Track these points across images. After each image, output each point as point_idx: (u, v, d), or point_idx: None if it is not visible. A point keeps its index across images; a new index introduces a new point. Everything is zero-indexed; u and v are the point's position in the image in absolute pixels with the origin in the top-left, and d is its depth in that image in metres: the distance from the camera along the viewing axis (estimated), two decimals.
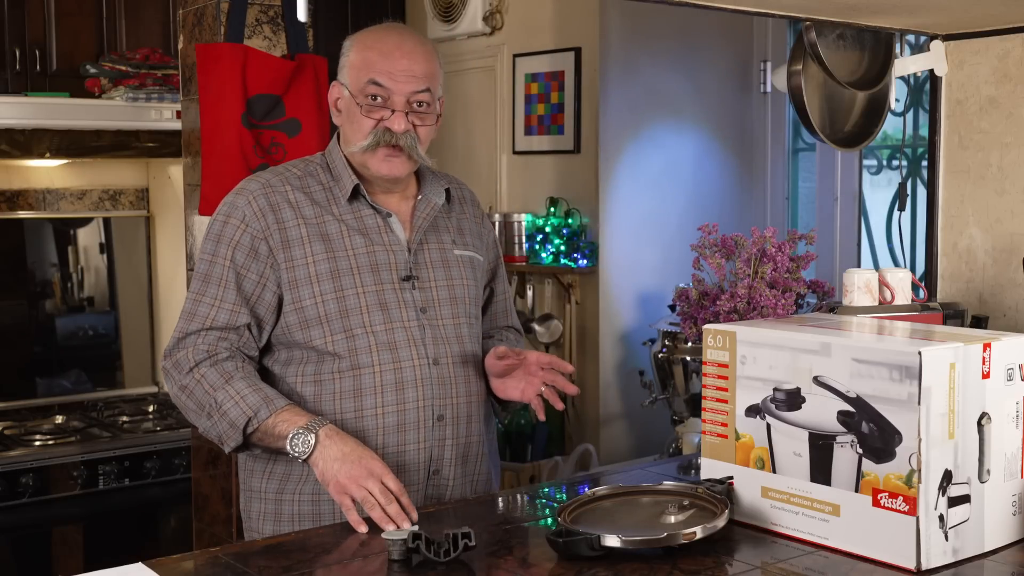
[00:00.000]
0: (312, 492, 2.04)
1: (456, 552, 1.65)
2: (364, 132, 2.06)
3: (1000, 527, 1.74)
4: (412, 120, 2.06)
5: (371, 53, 2.07)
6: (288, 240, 2.05)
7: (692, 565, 1.66)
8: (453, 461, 2.11)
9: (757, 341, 1.81)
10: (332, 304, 2.04)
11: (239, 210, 2.08)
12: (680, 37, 4.09)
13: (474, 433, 2.15)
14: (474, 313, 2.20)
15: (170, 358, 2.06)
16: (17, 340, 4.19)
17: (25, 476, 3.54)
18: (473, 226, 2.27)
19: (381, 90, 2.04)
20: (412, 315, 2.09)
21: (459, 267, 2.18)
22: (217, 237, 2.08)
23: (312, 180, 2.12)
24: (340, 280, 2.05)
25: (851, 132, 2.79)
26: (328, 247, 2.06)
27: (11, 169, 4.07)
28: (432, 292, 2.12)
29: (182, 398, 2.04)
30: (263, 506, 2.10)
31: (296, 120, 3.16)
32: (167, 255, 4.38)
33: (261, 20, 3.13)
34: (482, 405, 2.18)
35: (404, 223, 2.14)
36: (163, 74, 3.89)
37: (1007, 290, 2.62)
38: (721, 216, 3.94)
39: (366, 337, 2.04)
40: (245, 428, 1.96)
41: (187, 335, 2.05)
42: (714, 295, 2.38)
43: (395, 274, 2.09)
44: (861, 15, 2.49)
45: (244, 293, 2.05)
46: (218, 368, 2.01)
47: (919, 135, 3.74)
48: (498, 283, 2.34)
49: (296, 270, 2.05)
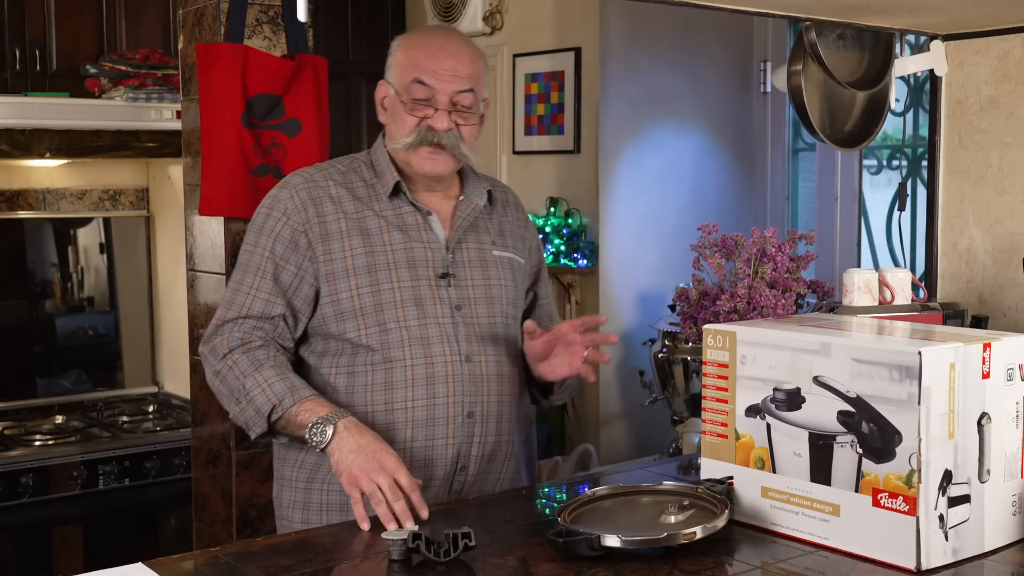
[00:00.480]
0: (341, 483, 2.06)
1: (456, 552, 1.65)
2: (407, 130, 2.09)
3: (1000, 527, 1.74)
4: (455, 119, 2.09)
5: (417, 52, 2.10)
6: (328, 233, 2.09)
7: (692, 565, 1.66)
8: (480, 459, 2.13)
9: (757, 341, 1.81)
10: (368, 298, 2.08)
11: (281, 203, 2.12)
12: (680, 37, 4.09)
13: (504, 432, 2.16)
14: (511, 314, 2.20)
15: (207, 344, 2.12)
16: (17, 340, 4.19)
17: (25, 476, 3.54)
18: (516, 229, 2.28)
19: (425, 89, 2.08)
20: (447, 312, 2.11)
21: (497, 268, 2.20)
22: (259, 228, 2.13)
23: (355, 176, 2.16)
24: (377, 274, 2.08)
25: (851, 132, 2.79)
26: (367, 242, 2.10)
27: (11, 169, 4.07)
28: (468, 290, 2.15)
29: (215, 383, 2.10)
30: (293, 494, 2.15)
31: (296, 120, 3.16)
32: (167, 255, 4.38)
33: (261, 20, 3.13)
34: (515, 406, 2.19)
35: (444, 222, 2.17)
36: (163, 74, 3.89)
37: (1007, 290, 2.62)
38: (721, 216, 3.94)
39: (399, 331, 2.07)
40: (269, 415, 2.00)
41: (224, 323, 2.11)
42: (714, 295, 2.38)
43: (432, 271, 2.12)
44: (861, 15, 2.49)
45: (281, 284, 2.10)
46: (250, 356, 2.06)
47: (919, 135, 3.74)
48: (541, 287, 2.36)
49: (334, 263, 2.09)
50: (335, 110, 3.85)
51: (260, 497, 3.16)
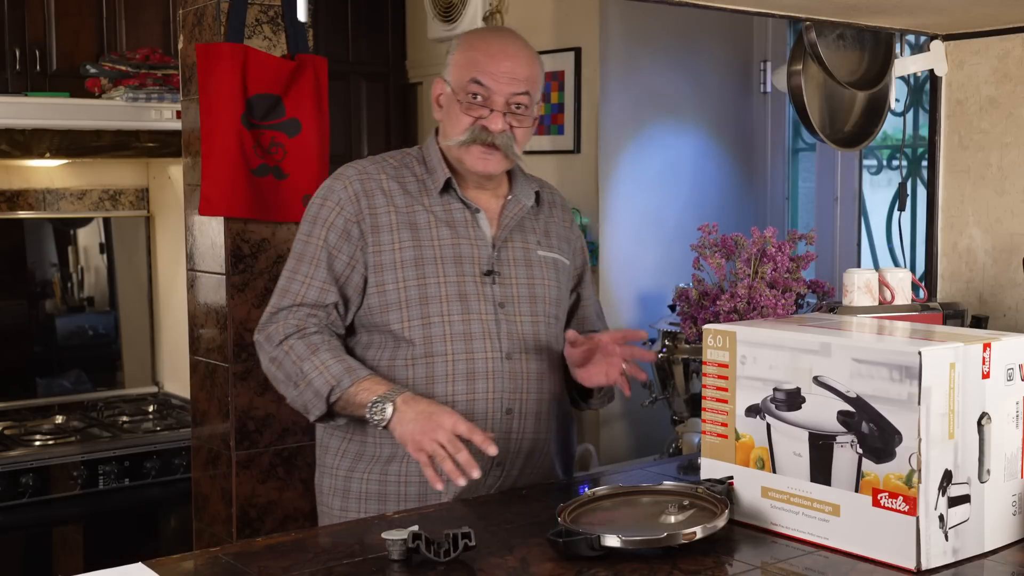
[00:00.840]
0: (380, 473, 2.13)
1: (456, 552, 1.65)
2: (461, 128, 2.12)
3: (1000, 527, 1.74)
4: (510, 121, 2.12)
5: (476, 53, 2.13)
6: (378, 225, 2.13)
7: (692, 565, 1.66)
8: (518, 455, 2.16)
9: (757, 341, 1.81)
10: (413, 290, 2.11)
11: (335, 193, 2.16)
12: (680, 37, 4.09)
13: (543, 430, 2.19)
14: (553, 313, 2.23)
15: (262, 332, 2.15)
16: (17, 340, 4.19)
17: (25, 476, 3.54)
18: (561, 230, 2.31)
19: (482, 89, 2.10)
20: (490, 309, 2.14)
21: (541, 267, 2.22)
22: (313, 218, 2.16)
23: (407, 171, 2.20)
24: (423, 268, 2.12)
25: (851, 132, 2.80)
26: (415, 236, 2.13)
27: (11, 169, 4.06)
28: (512, 288, 2.17)
29: (272, 369, 2.13)
30: (333, 482, 2.19)
31: (296, 120, 3.16)
32: (167, 255, 4.38)
33: (261, 20, 3.13)
34: (554, 404, 2.22)
35: (491, 220, 2.20)
36: (163, 74, 3.89)
37: (1007, 290, 2.62)
38: (721, 216, 3.94)
39: (442, 326, 2.11)
40: (328, 396, 2.04)
41: (279, 310, 2.14)
42: (714, 295, 2.38)
43: (477, 267, 2.15)
44: (861, 15, 2.49)
45: (334, 273, 2.13)
46: (306, 341, 2.09)
47: (919, 135, 3.74)
48: (585, 288, 2.38)
49: (382, 255, 2.12)
50: (335, 110, 3.85)
51: (260, 497, 3.16)
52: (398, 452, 2.10)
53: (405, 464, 2.11)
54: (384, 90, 4.57)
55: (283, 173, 3.16)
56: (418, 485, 2.11)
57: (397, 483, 2.12)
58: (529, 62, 2.14)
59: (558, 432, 2.25)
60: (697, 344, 2.19)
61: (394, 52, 4.59)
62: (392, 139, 4.54)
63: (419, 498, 2.11)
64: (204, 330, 3.24)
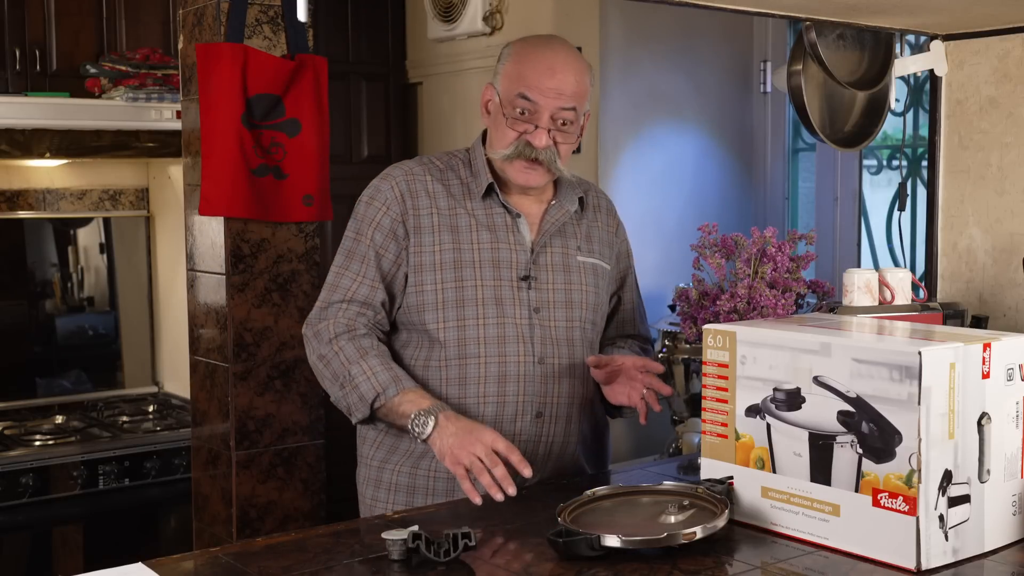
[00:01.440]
0: (412, 467, 2.17)
1: (456, 552, 1.65)
2: (507, 141, 2.14)
3: (1000, 527, 1.74)
4: (554, 136, 2.13)
5: (525, 67, 2.14)
6: (421, 226, 2.16)
7: (692, 565, 1.66)
8: (546, 458, 2.19)
9: (757, 341, 1.81)
10: (451, 292, 2.14)
11: (382, 193, 2.19)
12: (680, 37, 4.08)
13: (572, 434, 2.22)
14: (590, 319, 2.25)
15: (312, 327, 2.18)
16: (17, 340, 4.19)
17: (25, 476, 3.54)
18: (604, 235, 2.32)
19: (529, 104, 2.12)
20: (525, 313, 2.17)
21: (580, 273, 2.24)
22: (361, 217, 2.20)
23: (452, 174, 2.22)
24: (462, 271, 2.15)
25: (851, 132, 2.79)
26: (455, 238, 2.16)
27: (11, 169, 4.06)
28: (548, 294, 2.19)
29: (319, 366, 2.17)
30: (367, 472, 2.24)
31: (296, 120, 3.16)
32: (167, 255, 4.38)
33: (261, 20, 3.13)
34: (585, 408, 2.24)
35: (532, 225, 2.22)
36: (163, 74, 3.89)
37: (1007, 290, 2.62)
38: (721, 216, 3.94)
39: (477, 328, 2.14)
40: (373, 403, 2.08)
41: (330, 305, 2.17)
42: (714, 295, 2.38)
43: (515, 272, 2.17)
44: (861, 15, 2.49)
45: (382, 271, 2.17)
46: (356, 343, 2.12)
47: (919, 135, 3.74)
48: (626, 292, 2.40)
49: (423, 255, 2.15)
50: (335, 110, 3.85)
51: (260, 497, 3.16)
52: (431, 448, 2.11)
53: (435, 460, 2.13)
54: (384, 90, 4.57)
55: (283, 173, 3.16)
56: (446, 481, 2.15)
57: (426, 477, 2.16)
58: (578, 77, 2.14)
59: (588, 437, 2.27)
60: (697, 344, 2.19)
61: (394, 52, 4.59)
62: (392, 139, 4.54)
63: (447, 493, 2.15)
64: (204, 330, 3.24)
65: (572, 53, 2.19)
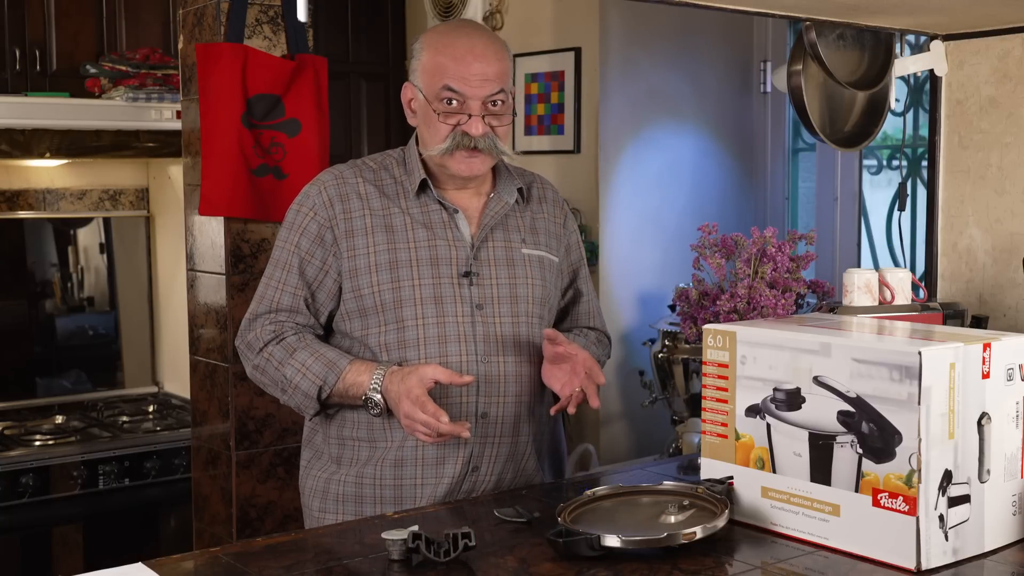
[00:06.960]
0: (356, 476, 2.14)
1: (456, 552, 1.65)
2: (441, 136, 2.08)
3: (1000, 527, 1.74)
4: (489, 122, 2.08)
5: (443, 57, 2.07)
6: (353, 230, 2.11)
7: (692, 565, 1.66)
8: (494, 459, 2.13)
9: (757, 341, 1.81)
10: (388, 294, 2.09)
11: (310, 199, 2.15)
12: (680, 37, 4.09)
13: (521, 434, 2.16)
14: (537, 313, 2.18)
15: (242, 339, 2.17)
16: (17, 340, 4.19)
17: (25, 476, 3.54)
18: (551, 226, 2.26)
19: (456, 95, 2.06)
20: (466, 311, 2.11)
21: (525, 266, 2.18)
22: (289, 224, 2.16)
23: (385, 173, 2.17)
24: (398, 271, 2.10)
25: (851, 132, 2.79)
26: (390, 238, 2.11)
27: (11, 169, 4.07)
28: (491, 289, 2.13)
29: (256, 376, 2.15)
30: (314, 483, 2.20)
31: (296, 120, 3.16)
32: (167, 255, 4.38)
33: (261, 20, 3.13)
34: (534, 407, 2.17)
35: (472, 219, 2.16)
36: (163, 74, 3.89)
37: (1007, 290, 2.62)
38: (721, 216, 3.95)
39: (416, 329, 2.09)
40: (319, 396, 2.07)
41: (256, 317, 2.15)
42: (714, 295, 2.38)
43: (454, 269, 2.11)
44: (861, 15, 2.49)
45: (306, 278, 2.13)
46: (283, 344, 2.11)
47: (919, 135, 3.74)
48: (581, 284, 2.34)
49: (357, 259, 2.11)
50: (335, 110, 3.85)
51: (260, 497, 3.16)
52: (374, 455, 2.11)
53: (379, 467, 2.11)
54: (384, 90, 4.57)
55: (283, 173, 3.16)
56: (392, 488, 2.11)
57: (372, 486, 2.12)
58: (498, 57, 2.10)
59: (540, 434, 2.22)
60: (697, 344, 2.19)
61: (394, 52, 4.59)
62: (392, 139, 4.55)
63: (394, 501, 2.10)
64: (204, 330, 3.24)
65: (487, 35, 2.14)
